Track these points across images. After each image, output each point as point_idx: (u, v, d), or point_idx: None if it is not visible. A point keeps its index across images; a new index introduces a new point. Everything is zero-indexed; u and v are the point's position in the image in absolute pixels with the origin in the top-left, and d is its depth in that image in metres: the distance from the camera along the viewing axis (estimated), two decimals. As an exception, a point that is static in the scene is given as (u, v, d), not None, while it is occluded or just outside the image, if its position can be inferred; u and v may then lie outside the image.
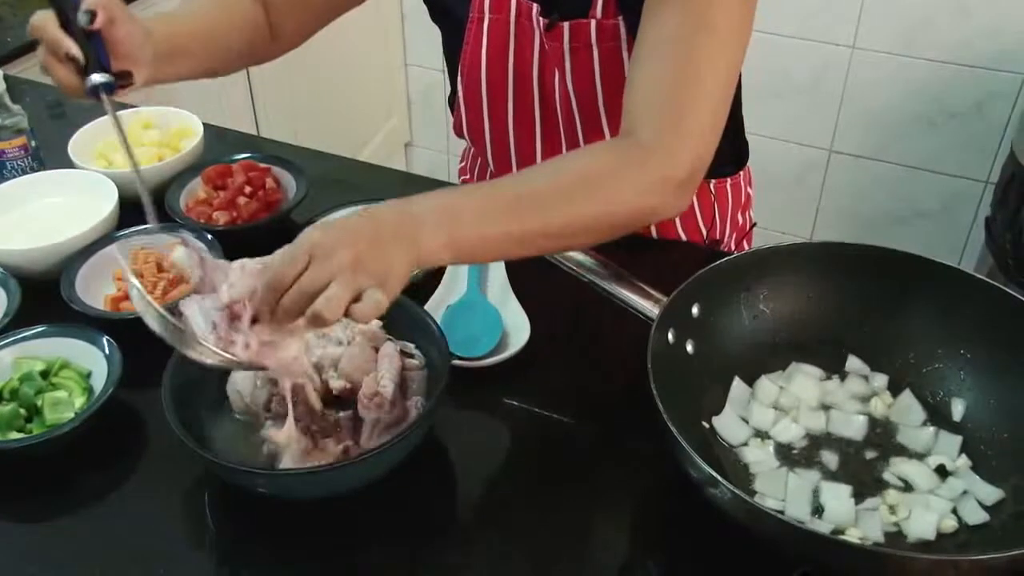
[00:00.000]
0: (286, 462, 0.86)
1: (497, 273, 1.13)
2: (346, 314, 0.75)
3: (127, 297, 1.10)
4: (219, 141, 1.42)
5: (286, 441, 0.87)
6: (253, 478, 0.86)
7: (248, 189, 1.27)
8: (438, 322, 0.96)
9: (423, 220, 0.82)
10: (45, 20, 0.94)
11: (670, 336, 0.93)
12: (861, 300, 1.00)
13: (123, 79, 0.98)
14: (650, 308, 0.94)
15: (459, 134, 1.31)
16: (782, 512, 0.85)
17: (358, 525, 0.88)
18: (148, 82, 1.03)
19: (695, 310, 0.96)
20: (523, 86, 1.18)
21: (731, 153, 1.29)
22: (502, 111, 1.21)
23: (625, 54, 1.09)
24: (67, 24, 0.94)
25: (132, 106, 1.43)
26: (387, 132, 3.12)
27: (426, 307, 1.04)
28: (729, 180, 1.30)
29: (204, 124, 1.38)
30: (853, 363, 1.00)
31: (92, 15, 0.93)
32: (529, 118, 1.21)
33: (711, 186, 1.27)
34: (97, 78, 0.95)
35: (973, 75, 2.26)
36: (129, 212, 1.21)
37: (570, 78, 1.13)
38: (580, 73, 1.12)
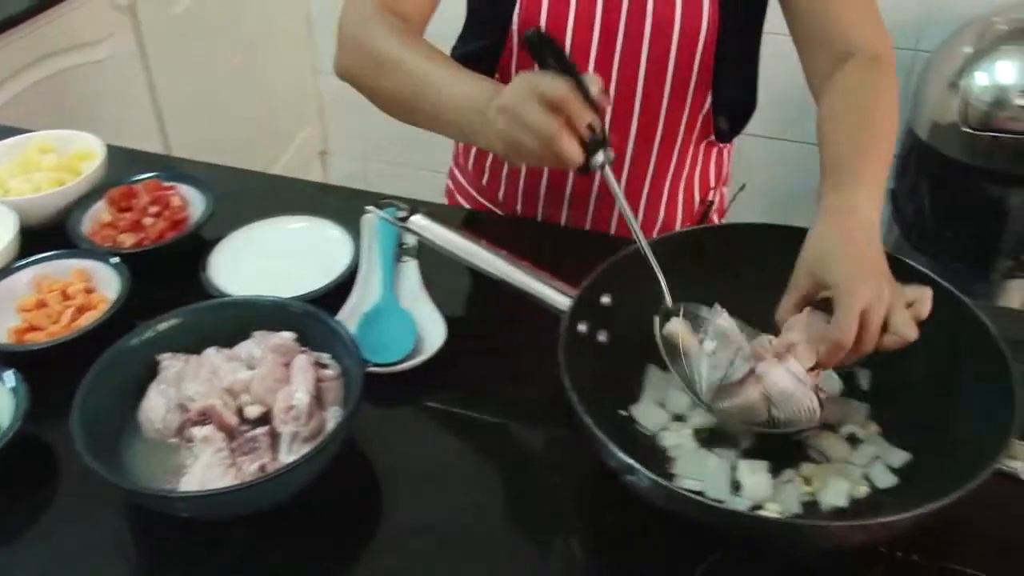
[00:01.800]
0: (196, 484, 0.85)
1: (410, 277, 1.13)
2: None
3: (32, 328, 1.07)
4: (122, 162, 1.39)
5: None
6: (171, 502, 0.85)
7: (154, 209, 1.25)
8: (352, 331, 0.96)
9: (872, 217, 0.94)
10: (569, 88, 0.89)
11: (582, 328, 0.94)
12: (768, 279, 1.02)
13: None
14: (561, 301, 0.95)
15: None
16: (701, 493, 0.87)
17: (284, 540, 0.87)
18: None
19: (606, 299, 0.97)
20: (609, 21, 1.15)
21: (740, 117, 1.35)
22: (585, 49, 1.17)
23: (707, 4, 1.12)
24: (586, 96, 0.90)
25: (28, 130, 1.39)
26: (301, 142, 3.09)
27: (339, 316, 1.04)
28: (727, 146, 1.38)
29: (107, 145, 1.35)
30: (765, 341, 1.01)
31: (603, 90, 0.92)
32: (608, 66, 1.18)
33: (712, 147, 1.32)
34: (602, 156, 0.93)
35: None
36: (29, 240, 1.18)
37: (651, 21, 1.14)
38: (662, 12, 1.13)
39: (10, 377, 0.96)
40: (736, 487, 0.88)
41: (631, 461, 0.77)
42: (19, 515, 0.91)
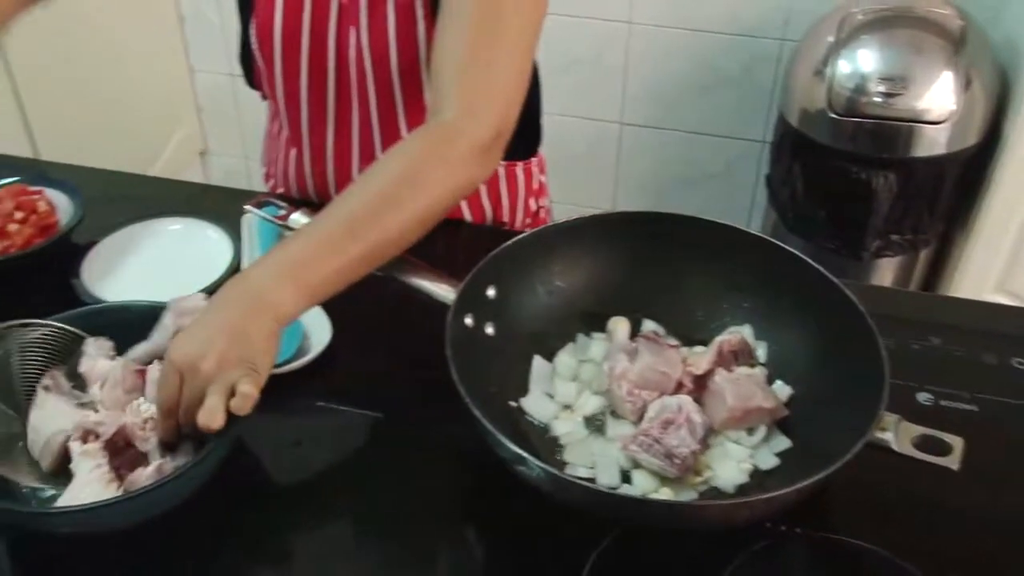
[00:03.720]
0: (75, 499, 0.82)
1: (294, 276, 1.11)
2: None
3: None
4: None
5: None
6: (49, 519, 0.81)
7: (19, 215, 1.19)
8: (235, 333, 0.94)
9: (265, 286, 0.84)
10: None
11: (468, 320, 0.94)
12: (649, 265, 1.04)
13: None
14: (446, 294, 0.95)
15: (251, 85, 1.28)
16: (592, 480, 0.88)
17: (173, 548, 0.85)
18: None
19: (491, 292, 0.98)
20: (318, 41, 1.16)
21: (522, 138, 1.32)
22: (295, 65, 1.18)
23: (420, 12, 1.10)
24: None
25: None
26: (178, 142, 3.00)
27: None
28: (520, 164, 1.32)
29: (-34, 150, 1.29)
30: (648, 327, 1.04)
31: None
32: (323, 77, 1.19)
33: (501, 168, 1.29)
34: None
35: (738, 42, 2.39)
36: None
37: (366, 36, 1.12)
38: (376, 32, 1.12)
39: None
40: (627, 477, 0.90)
41: (520, 451, 0.77)
42: None
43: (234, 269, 1.11)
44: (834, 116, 1.91)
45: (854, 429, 0.80)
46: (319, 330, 1.04)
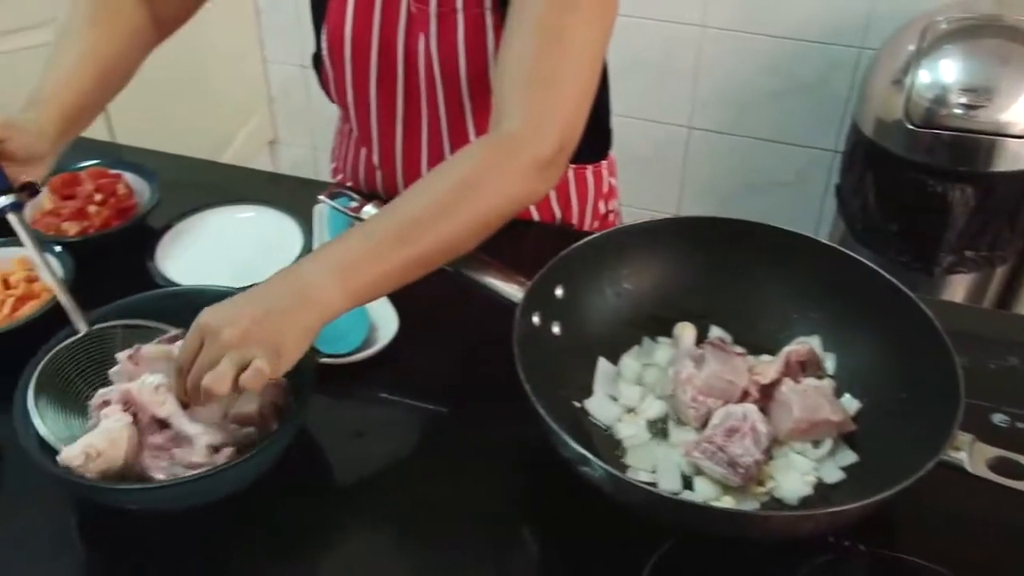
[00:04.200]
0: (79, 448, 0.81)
1: (362, 268, 1.12)
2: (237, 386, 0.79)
3: (-28, 319, 1.05)
4: (67, 149, 1.36)
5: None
6: (116, 495, 0.83)
7: (98, 197, 1.22)
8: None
9: (314, 283, 0.84)
10: None
11: (536, 319, 0.94)
12: (719, 271, 1.03)
13: (28, 190, 1.01)
14: (514, 292, 0.95)
15: (326, 91, 1.29)
16: (654, 484, 0.88)
17: (232, 531, 0.86)
18: (52, 169, 1.06)
19: (559, 291, 0.97)
20: (387, 49, 1.17)
21: (592, 141, 1.31)
22: (365, 72, 1.19)
23: (489, 22, 1.10)
24: None
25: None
26: (250, 131, 3.05)
27: (291, 307, 1.02)
28: (590, 168, 1.32)
29: (48, 132, 1.32)
30: (715, 333, 1.03)
31: None
32: (392, 82, 1.19)
33: (570, 171, 1.29)
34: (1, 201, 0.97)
35: (814, 49, 2.35)
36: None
37: (435, 44, 1.13)
38: (445, 41, 1.12)
39: (-50, 368, 0.94)
40: (688, 483, 0.89)
41: (585, 452, 0.77)
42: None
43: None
44: (911, 127, 1.86)
45: (925, 447, 0.78)
46: (386, 322, 1.05)
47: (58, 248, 1.11)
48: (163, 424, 0.85)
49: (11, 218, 0.97)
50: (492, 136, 0.96)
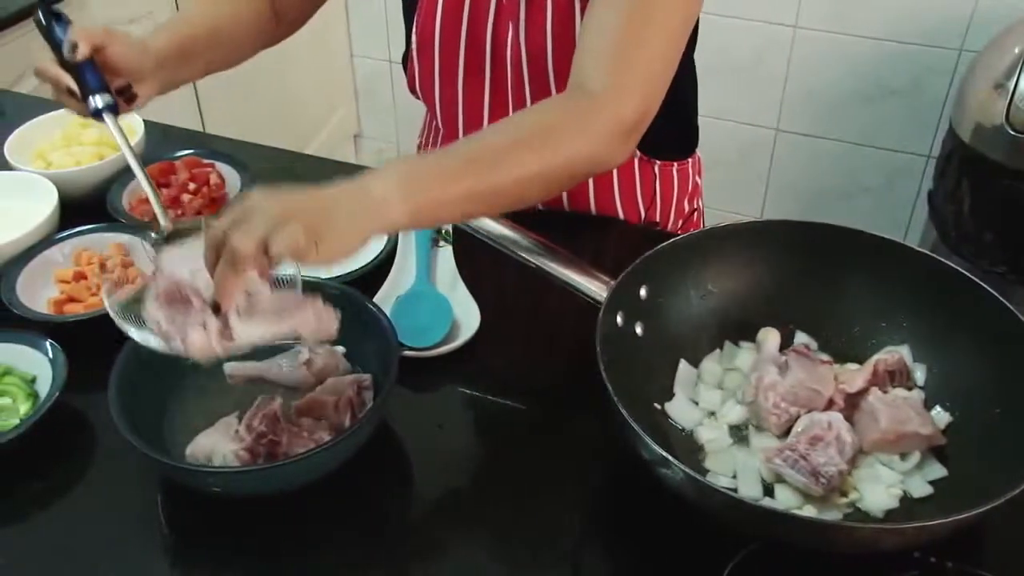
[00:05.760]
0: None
1: (445, 262, 1.13)
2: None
3: (70, 300, 1.08)
4: (161, 138, 1.40)
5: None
6: (204, 477, 0.85)
7: (192, 186, 1.25)
8: (387, 314, 0.96)
9: (376, 188, 0.82)
10: (46, 61, 1.00)
11: (619, 319, 0.93)
12: (805, 276, 1.01)
13: (125, 94, 1.03)
14: (598, 291, 0.94)
15: (412, 90, 1.30)
16: (734, 490, 0.86)
17: (312, 520, 0.88)
18: (158, 92, 1.08)
19: (643, 292, 0.96)
20: (476, 41, 1.17)
21: (679, 138, 1.30)
22: (453, 67, 1.20)
23: (578, 12, 1.09)
24: (62, 61, 0.99)
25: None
26: (335, 124, 3.10)
27: (375, 299, 1.04)
28: (676, 165, 1.31)
29: (145, 121, 1.36)
30: (800, 339, 1.01)
31: (74, 47, 0.97)
32: (479, 76, 1.20)
33: (655, 167, 1.27)
34: (96, 100, 0.98)
35: (910, 51, 2.29)
36: (69, 213, 1.19)
37: (523, 34, 1.13)
38: (533, 29, 1.12)
39: (48, 348, 0.97)
40: (768, 490, 0.88)
41: (665, 454, 0.76)
42: (53, 485, 0.92)
43: (390, 251, 1.13)
44: (1013, 133, 1.80)
45: (1019, 464, 0.76)
46: (468, 317, 1.05)
47: (154, 235, 1.13)
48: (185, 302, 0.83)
49: (107, 118, 0.98)
50: (574, 94, 0.95)
